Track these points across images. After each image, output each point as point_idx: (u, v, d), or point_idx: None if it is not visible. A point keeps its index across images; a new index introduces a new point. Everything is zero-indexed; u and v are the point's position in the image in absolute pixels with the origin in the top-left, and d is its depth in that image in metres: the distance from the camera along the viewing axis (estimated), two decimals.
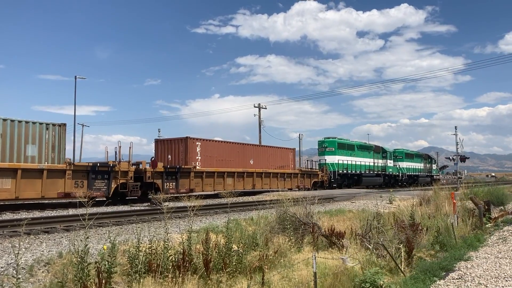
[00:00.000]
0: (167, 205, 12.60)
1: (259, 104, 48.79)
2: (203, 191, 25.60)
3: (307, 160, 41.58)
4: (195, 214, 8.61)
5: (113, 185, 20.83)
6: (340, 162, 40.17)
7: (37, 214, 15.98)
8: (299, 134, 52.32)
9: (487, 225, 13.99)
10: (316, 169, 39.18)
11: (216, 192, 26.76)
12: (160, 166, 22.99)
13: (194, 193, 24.28)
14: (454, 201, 13.40)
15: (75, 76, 40.23)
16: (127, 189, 21.24)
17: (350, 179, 42.18)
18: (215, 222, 13.09)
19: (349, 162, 41.36)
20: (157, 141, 28.62)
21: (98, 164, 20.36)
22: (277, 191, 30.17)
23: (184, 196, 17.31)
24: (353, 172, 42.05)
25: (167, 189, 23.03)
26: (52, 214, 15.77)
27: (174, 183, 23.67)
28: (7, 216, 15.49)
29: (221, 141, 29.95)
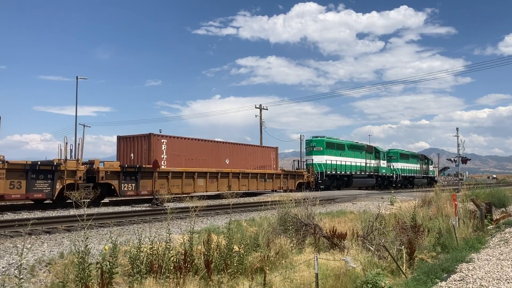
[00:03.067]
0: (169, 206, 12.61)
1: (260, 105, 48.77)
2: (169, 192, 22.72)
3: (293, 160, 39.91)
4: (196, 215, 8.61)
5: (58, 186, 18.84)
6: (328, 162, 38.27)
7: (38, 214, 15.99)
8: (300, 135, 52.13)
9: (488, 227, 13.97)
10: (301, 169, 37.44)
11: (184, 195, 24.67)
12: (116, 165, 21.39)
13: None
14: (456, 203, 13.38)
15: (77, 77, 40.30)
16: (77, 190, 18.62)
17: (340, 180, 40.31)
18: (216, 223, 13.10)
19: (338, 162, 39.54)
20: (119, 138, 26.17)
21: (39, 163, 18.60)
22: (262, 193, 28.67)
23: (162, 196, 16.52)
24: (343, 173, 40.25)
25: (124, 191, 21.20)
26: (53, 215, 15.79)
27: (133, 184, 21.75)
28: (9, 216, 15.51)
29: (192, 139, 27.63)
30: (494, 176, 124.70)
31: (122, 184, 21.21)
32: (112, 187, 20.99)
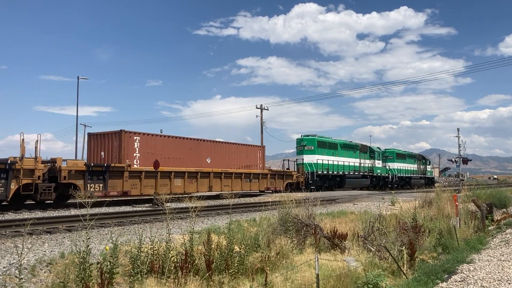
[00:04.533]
0: (169, 206, 12.60)
1: (261, 105, 48.73)
2: (141, 194, 22.53)
3: (283, 160, 38.57)
4: (196, 215, 8.61)
5: (13, 187, 17.58)
6: (320, 162, 36.72)
7: (39, 214, 16.00)
8: (301, 136, 51.89)
9: (489, 228, 13.96)
10: (290, 169, 36.05)
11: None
12: (81, 163, 20.29)
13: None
14: (457, 203, 13.37)
15: (78, 77, 40.38)
16: (36, 191, 18.11)
17: (332, 181, 38.69)
18: (217, 223, 13.10)
19: (330, 162, 37.98)
20: (90, 136, 24.81)
21: None
22: (247, 194, 27.25)
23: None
24: (335, 173, 38.76)
25: (91, 192, 19.63)
26: (54, 215, 15.81)
27: (101, 185, 20.45)
28: (9, 216, 15.52)
29: (168, 136, 26.13)
30: (495, 176, 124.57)
31: (88, 185, 19.91)
32: (78, 188, 19.46)
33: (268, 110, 49.59)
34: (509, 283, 6.83)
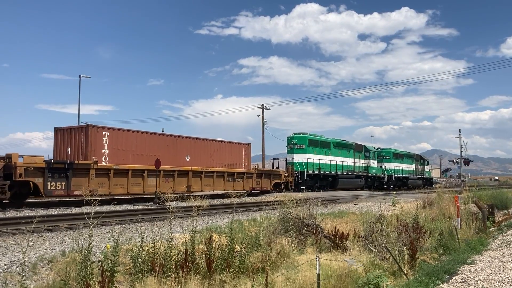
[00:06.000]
0: (170, 205, 12.60)
1: (263, 105, 48.66)
2: (110, 193, 20.86)
3: (273, 159, 37.47)
4: (198, 214, 8.61)
5: None
6: (311, 161, 35.29)
7: (40, 212, 16.02)
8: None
9: (490, 229, 13.95)
10: (279, 168, 34.73)
11: (132, 195, 22.41)
12: (39, 160, 18.60)
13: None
14: (458, 204, 13.36)
15: (80, 75, 40.32)
16: None
17: (323, 181, 37.06)
18: (218, 223, 13.10)
19: (322, 161, 36.49)
20: (56, 130, 22.86)
21: None
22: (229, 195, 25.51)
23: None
24: (327, 172, 37.17)
25: (51, 191, 18.38)
26: (55, 213, 15.82)
27: (63, 183, 18.92)
28: (11, 214, 15.55)
29: (142, 132, 24.25)
30: (497, 178, 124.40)
31: (48, 183, 18.32)
32: (36, 186, 18.09)
33: (269, 110, 49.53)
34: (510, 285, 6.81)
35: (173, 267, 7.03)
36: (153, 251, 7.23)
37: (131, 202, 21.80)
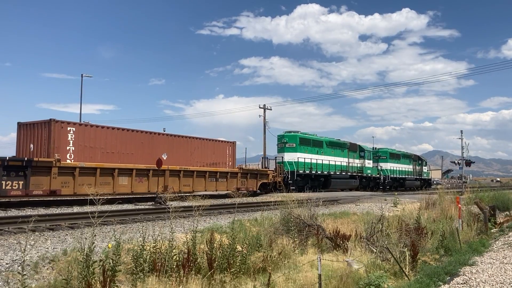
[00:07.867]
0: (172, 205, 12.64)
1: (264, 105, 48.68)
2: (75, 193, 19.31)
3: (262, 158, 36.41)
4: (199, 214, 8.62)
5: None
6: (301, 160, 33.94)
7: (42, 211, 16.05)
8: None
9: (492, 230, 13.93)
10: (266, 168, 33.50)
11: (102, 196, 21.56)
12: None
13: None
14: (460, 205, 13.35)
15: (82, 74, 40.41)
16: None
17: (315, 181, 35.69)
18: (219, 222, 13.10)
19: (314, 161, 35.20)
20: (19, 126, 21.48)
21: None
22: (213, 195, 24.71)
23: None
24: (319, 172, 35.87)
25: (6, 190, 17.05)
26: (57, 212, 15.86)
27: (21, 182, 17.51)
28: (12, 213, 15.58)
29: (113, 128, 23.11)
30: (498, 179, 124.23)
31: (3, 182, 16.99)
32: None
33: (271, 110, 49.52)
34: None
35: (175, 266, 7.04)
36: (154, 251, 7.25)
37: (133, 202, 21.82)
